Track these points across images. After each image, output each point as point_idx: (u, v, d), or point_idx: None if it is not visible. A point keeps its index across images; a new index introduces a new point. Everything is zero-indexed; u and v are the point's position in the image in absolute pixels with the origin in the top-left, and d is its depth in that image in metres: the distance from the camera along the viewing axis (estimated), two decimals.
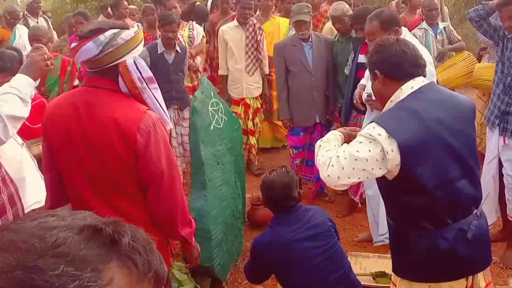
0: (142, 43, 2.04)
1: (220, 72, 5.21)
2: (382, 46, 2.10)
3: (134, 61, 1.92)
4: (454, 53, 5.12)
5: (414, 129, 1.92)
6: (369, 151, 1.90)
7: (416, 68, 2.04)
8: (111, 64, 1.90)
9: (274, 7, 6.01)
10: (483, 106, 4.44)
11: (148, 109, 1.94)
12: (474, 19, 3.62)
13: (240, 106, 5.11)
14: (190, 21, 5.60)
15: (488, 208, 3.71)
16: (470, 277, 2.05)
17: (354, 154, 1.92)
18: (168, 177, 1.94)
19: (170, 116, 4.62)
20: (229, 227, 3.52)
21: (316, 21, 5.52)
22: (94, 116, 1.90)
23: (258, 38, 5.04)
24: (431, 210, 1.98)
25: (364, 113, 4.00)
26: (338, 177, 1.94)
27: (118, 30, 1.91)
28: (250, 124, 5.17)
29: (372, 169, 1.91)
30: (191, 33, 5.34)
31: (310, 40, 4.37)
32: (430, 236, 1.99)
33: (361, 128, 3.66)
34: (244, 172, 4.03)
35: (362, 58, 4.02)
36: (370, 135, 1.91)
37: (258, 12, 5.78)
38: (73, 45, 1.92)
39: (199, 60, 5.42)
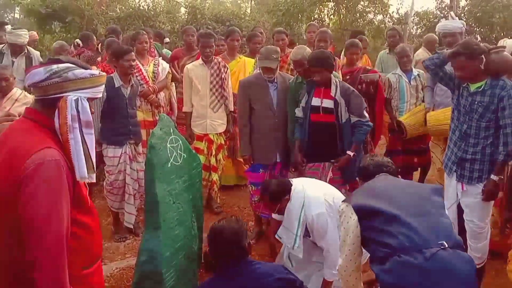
0: (100, 88, 1.95)
1: (184, 109, 5.11)
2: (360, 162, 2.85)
3: (79, 100, 1.82)
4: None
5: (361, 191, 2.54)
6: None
7: (384, 168, 2.70)
8: (54, 96, 1.82)
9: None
10: (441, 152, 4.47)
11: (49, 147, 1.77)
12: (430, 67, 3.64)
13: (203, 142, 4.99)
14: (156, 57, 5.51)
15: None
16: None
17: None
18: (37, 228, 1.69)
19: (126, 152, 4.45)
20: (183, 270, 3.31)
21: (282, 62, 5.50)
22: (3, 144, 1.80)
23: (223, 76, 4.99)
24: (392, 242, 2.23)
25: (325, 160, 3.97)
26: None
27: (74, 66, 1.85)
28: (213, 160, 5.03)
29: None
30: (156, 68, 5.23)
31: (275, 81, 4.33)
32: (389, 258, 2.21)
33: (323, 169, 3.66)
34: (202, 211, 3.85)
35: (315, 101, 4.00)
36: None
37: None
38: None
39: (162, 95, 5.31)
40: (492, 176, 3.36)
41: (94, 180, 1.94)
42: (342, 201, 2.53)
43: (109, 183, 4.49)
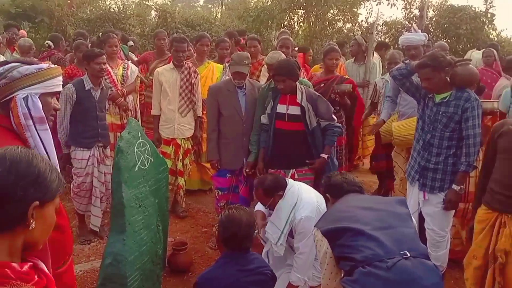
0: (54, 81, 1.95)
1: (153, 112, 5.11)
2: (330, 178, 2.89)
3: (28, 97, 1.84)
4: None
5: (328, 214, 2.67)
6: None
7: (354, 187, 2.76)
8: (6, 98, 1.84)
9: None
10: (403, 162, 4.54)
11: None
12: (397, 77, 3.68)
13: (171, 146, 4.99)
14: (126, 60, 5.50)
15: None
16: None
17: None
18: None
19: (94, 154, 4.44)
20: (147, 274, 3.32)
21: (253, 68, 5.59)
22: None
23: (193, 81, 5.00)
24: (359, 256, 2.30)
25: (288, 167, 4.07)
26: None
27: (18, 64, 1.85)
28: (179, 164, 5.04)
29: None
30: (125, 72, 5.22)
31: (244, 87, 4.38)
32: (354, 269, 2.28)
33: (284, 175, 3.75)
34: (167, 215, 3.88)
35: (281, 108, 4.06)
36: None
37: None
38: None
39: (130, 99, 5.30)
40: (454, 186, 3.44)
41: None
42: (314, 226, 2.59)
43: (76, 186, 4.45)
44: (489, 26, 12.87)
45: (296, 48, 6.97)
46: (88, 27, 10.94)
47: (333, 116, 4.12)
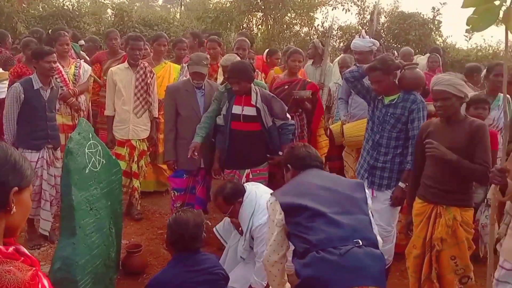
0: None
1: (106, 112, 4.95)
2: (294, 149, 2.84)
3: None
4: None
5: (290, 187, 2.58)
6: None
7: (317, 163, 2.75)
8: None
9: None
10: (353, 161, 4.65)
11: None
12: (349, 79, 3.76)
13: (125, 147, 4.86)
14: (78, 59, 5.32)
15: None
16: None
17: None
18: None
19: (44, 156, 4.26)
20: (99, 277, 3.22)
21: (212, 70, 5.53)
22: None
23: (148, 81, 4.89)
24: (313, 237, 2.31)
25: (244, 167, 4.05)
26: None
27: None
28: (134, 166, 4.92)
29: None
30: (77, 71, 5.05)
31: (203, 87, 4.34)
32: (308, 253, 2.29)
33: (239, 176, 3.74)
34: (121, 217, 3.77)
35: (236, 109, 4.04)
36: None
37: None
38: None
39: (83, 99, 5.13)
40: (400, 184, 3.56)
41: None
42: (271, 194, 2.57)
43: None
44: (436, 32, 13.33)
45: (266, 51, 7.02)
46: (40, 25, 10.53)
47: (288, 115, 4.16)
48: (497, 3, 2.23)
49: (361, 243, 2.28)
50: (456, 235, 3.01)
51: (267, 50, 7.19)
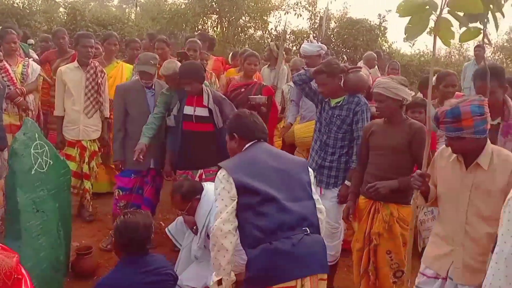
0: None
1: (56, 113, 4.79)
2: (240, 116, 2.69)
3: None
4: None
5: (243, 163, 2.45)
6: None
7: (262, 134, 2.64)
8: None
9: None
10: None
11: None
12: (297, 82, 3.84)
13: (76, 148, 4.72)
14: (26, 58, 5.12)
15: None
16: (299, 285, 2.29)
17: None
18: None
19: None
20: (47, 281, 3.12)
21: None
22: None
23: (99, 81, 4.78)
24: (263, 222, 2.32)
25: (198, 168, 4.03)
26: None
27: None
28: (85, 167, 4.78)
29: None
30: (25, 70, 4.87)
31: (153, 87, 4.28)
32: (261, 243, 2.28)
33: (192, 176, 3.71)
34: (70, 219, 3.65)
35: (188, 110, 4.01)
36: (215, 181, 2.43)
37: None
38: None
39: (31, 98, 4.94)
40: (346, 182, 3.64)
41: None
42: (221, 166, 2.44)
43: None
44: (382, 38, 13.75)
45: (231, 53, 7.04)
46: None
47: None
48: (427, 12, 2.32)
49: (308, 231, 2.35)
50: (392, 230, 3.13)
51: (232, 53, 7.19)
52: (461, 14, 2.35)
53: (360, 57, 12.93)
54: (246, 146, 2.58)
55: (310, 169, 2.61)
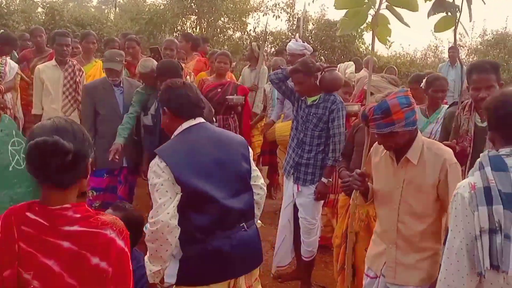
0: None
1: (34, 111, 4.74)
2: (171, 87, 2.43)
3: None
4: None
5: (184, 155, 2.27)
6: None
7: (196, 109, 2.42)
8: None
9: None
10: None
11: None
12: (274, 81, 3.84)
13: None
14: (3, 56, 5.03)
15: (285, 249, 3.93)
16: (233, 281, 2.32)
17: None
18: None
19: None
20: None
21: (135, 69, 5.44)
22: None
23: (77, 79, 4.74)
24: (202, 222, 2.25)
25: None
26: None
27: None
28: None
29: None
30: (3, 68, 4.81)
31: (121, 85, 4.18)
32: (200, 243, 2.24)
33: None
34: None
35: None
36: (154, 171, 2.23)
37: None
38: None
39: (9, 96, 4.87)
40: (323, 179, 3.67)
41: None
42: (158, 154, 2.25)
43: None
44: (359, 40, 13.90)
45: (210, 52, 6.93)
46: None
47: (214, 118, 4.19)
48: (365, 7, 2.28)
49: (246, 227, 2.36)
50: (369, 229, 3.07)
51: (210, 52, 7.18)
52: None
53: (338, 59, 13.13)
54: (184, 127, 2.36)
55: (248, 146, 2.52)
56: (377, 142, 2.41)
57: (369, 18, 2.39)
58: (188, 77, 5.11)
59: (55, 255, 1.41)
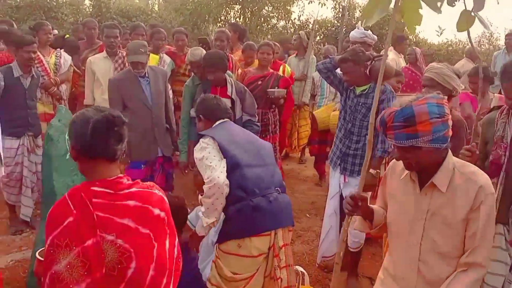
0: None
1: (86, 101, 4.96)
2: (205, 100, 3.15)
3: None
4: None
5: (223, 134, 2.90)
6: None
7: (225, 114, 3.11)
8: None
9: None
10: None
11: None
12: (322, 71, 3.83)
13: None
14: (58, 49, 5.29)
15: (331, 240, 3.95)
16: (273, 234, 2.74)
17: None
18: None
19: (24, 143, 4.27)
20: None
21: (180, 61, 5.58)
22: None
23: None
24: (243, 184, 2.72)
25: None
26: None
27: None
28: None
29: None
30: (58, 60, 5.04)
31: (146, 75, 4.13)
32: (242, 201, 2.70)
33: None
34: None
35: None
36: (201, 147, 2.81)
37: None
38: None
39: (64, 88, 5.12)
40: (371, 170, 3.62)
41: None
42: (206, 135, 2.85)
43: (5, 175, 4.24)
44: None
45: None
46: (18, 15, 10.34)
47: (256, 114, 4.21)
48: None
49: (280, 191, 2.85)
50: None
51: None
52: None
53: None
54: (217, 123, 3.04)
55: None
56: (395, 157, 2.00)
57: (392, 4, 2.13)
58: (236, 70, 5.18)
59: (127, 214, 1.69)
